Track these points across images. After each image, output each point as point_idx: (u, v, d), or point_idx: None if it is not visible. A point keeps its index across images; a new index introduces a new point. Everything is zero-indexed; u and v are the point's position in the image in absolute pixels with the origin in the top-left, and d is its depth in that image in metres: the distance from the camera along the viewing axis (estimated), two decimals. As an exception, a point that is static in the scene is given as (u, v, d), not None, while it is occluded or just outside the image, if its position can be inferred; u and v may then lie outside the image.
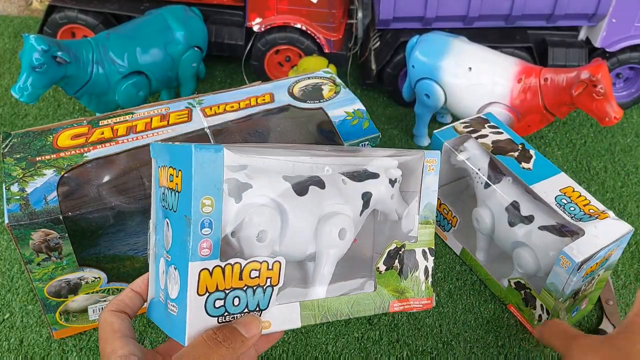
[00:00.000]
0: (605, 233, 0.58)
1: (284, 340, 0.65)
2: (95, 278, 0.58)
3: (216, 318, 0.38)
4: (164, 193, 0.40)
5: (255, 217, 0.40)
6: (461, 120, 0.75)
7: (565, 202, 0.61)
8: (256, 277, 0.39)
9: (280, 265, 0.40)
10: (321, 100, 0.67)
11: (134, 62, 0.81)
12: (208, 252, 0.36)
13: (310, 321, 0.42)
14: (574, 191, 0.63)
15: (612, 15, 0.90)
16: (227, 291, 0.38)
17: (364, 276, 0.48)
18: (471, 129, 0.72)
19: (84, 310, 0.61)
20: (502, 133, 0.71)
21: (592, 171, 0.89)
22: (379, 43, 0.98)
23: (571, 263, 0.55)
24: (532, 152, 0.68)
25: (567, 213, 0.60)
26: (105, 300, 0.61)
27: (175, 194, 0.38)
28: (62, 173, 0.54)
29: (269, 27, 0.94)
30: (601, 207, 0.61)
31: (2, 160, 0.55)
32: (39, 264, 0.54)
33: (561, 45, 0.94)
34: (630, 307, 0.70)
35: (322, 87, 0.69)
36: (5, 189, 0.52)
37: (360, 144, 0.63)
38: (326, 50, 0.94)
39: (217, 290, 0.37)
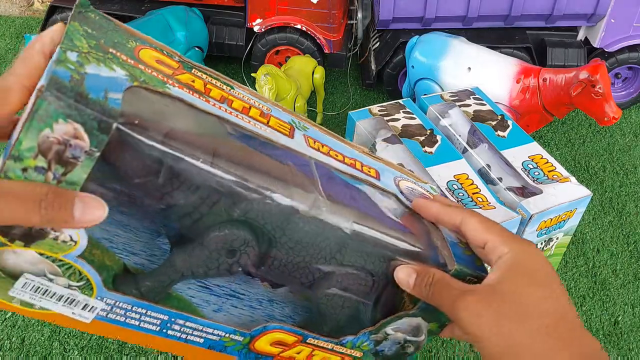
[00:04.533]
0: (562, 193, 0.62)
1: (285, 339, 0.65)
2: (70, 241, 0.39)
3: None
4: None
5: None
6: (449, 90, 0.77)
7: (531, 167, 0.66)
8: None
9: None
10: None
11: (135, 62, 0.82)
12: None
13: None
14: (541, 158, 0.67)
15: (611, 16, 0.91)
16: None
17: None
18: (456, 98, 0.76)
19: (13, 277, 0.40)
20: (484, 105, 0.74)
21: (591, 171, 0.89)
22: (378, 43, 0.98)
23: (526, 215, 0.60)
24: (509, 122, 0.71)
25: (530, 177, 0.65)
26: (51, 282, 0.39)
27: None
28: (135, 83, 0.37)
29: (269, 27, 0.94)
30: (565, 173, 0.65)
31: (69, 22, 0.39)
32: (24, 170, 0.34)
33: (560, 46, 0.95)
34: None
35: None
36: (60, 48, 0.35)
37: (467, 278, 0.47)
38: (326, 51, 0.95)
39: None
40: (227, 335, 0.48)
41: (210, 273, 0.45)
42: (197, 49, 0.89)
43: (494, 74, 0.81)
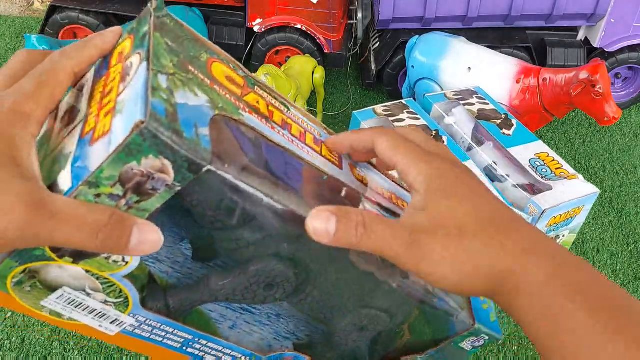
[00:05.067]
0: (571, 190, 0.63)
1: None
2: (122, 262, 0.38)
3: None
4: None
5: None
6: (452, 90, 0.78)
7: (539, 164, 0.67)
8: None
9: None
10: None
11: (135, 62, 0.82)
12: None
13: None
14: (548, 156, 0.68)
15: (611, 16, 0.91)
16: None
17: None
18: (460, 97, 0.76)
19: (50, 290, 0.39)
20: (488, 104, 0.75)
21: (591, 171, 0.89)
22: (378, 43, 0.98)
23: (538, 210, 0.61)
24: (513, 121, 0.72)
25: (538, 174, 0.65)
26: (88, 297, 0.39)
27: None
28: (217, 112, 0.35)
29: (269, 27, 0.94)
30: (572, 171, 0.65)
31: (152, 31, 0.36)
32: (97, 196, 0.33)
33: (560, 46, 0.95)
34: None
35: None
36: (152, 70, 0.33)
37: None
38: (326, 51, 0.95)
39: None
40: (243, 358, 0.48)
41: (243, 302, 0.45)
42: (197, 49, 0.89)
43: (494, 74, 0.81)
